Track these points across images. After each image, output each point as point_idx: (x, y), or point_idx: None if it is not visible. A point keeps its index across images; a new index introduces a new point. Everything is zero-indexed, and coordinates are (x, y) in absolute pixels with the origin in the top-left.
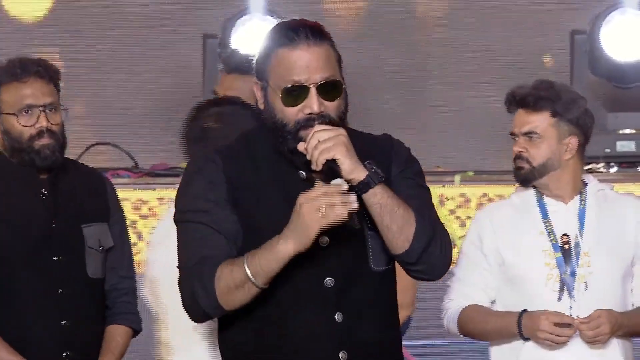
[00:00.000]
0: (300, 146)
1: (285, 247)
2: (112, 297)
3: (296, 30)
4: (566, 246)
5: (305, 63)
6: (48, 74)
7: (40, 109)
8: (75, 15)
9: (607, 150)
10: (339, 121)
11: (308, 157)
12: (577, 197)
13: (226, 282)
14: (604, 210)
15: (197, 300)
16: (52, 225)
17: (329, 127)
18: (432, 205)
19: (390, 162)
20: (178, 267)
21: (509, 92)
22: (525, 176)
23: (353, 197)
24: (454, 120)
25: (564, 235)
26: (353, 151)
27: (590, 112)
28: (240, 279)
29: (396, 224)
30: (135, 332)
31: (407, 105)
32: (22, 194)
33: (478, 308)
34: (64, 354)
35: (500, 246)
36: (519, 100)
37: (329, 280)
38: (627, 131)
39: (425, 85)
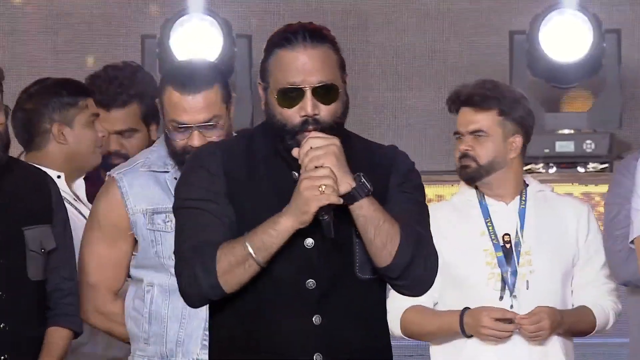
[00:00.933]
0: (294, 152)
1: (285, 221)
2: (53, 298)
3: (295, 33)
4: (507, 245)
5: (301, 65)
6: None
7: None
8: (14, 16)
9: (546, 151)
10: (335, 125)
11: (299, 162)
12: (518, 197)
13: (227, 260)
14: (544, 211)
15: (198, 282)
16: None
17: (323, 136)
18: (426, 221)
19: (390, 173)
20: (175, 252)
21: (453, 91)
22: (472, 174)
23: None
24: (393, 122)
25: (506, 234)
26: (343, 162)
27: (532, 112)
28: (242, 255)
29: (380, 238)
30: (76, 334)
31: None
32: None
33: (420, 309)
34: (2, 357)
35: (442, 247)
36: (464, 99)
37: (310, 282)
38: (566, 131)
39: (365, 87)
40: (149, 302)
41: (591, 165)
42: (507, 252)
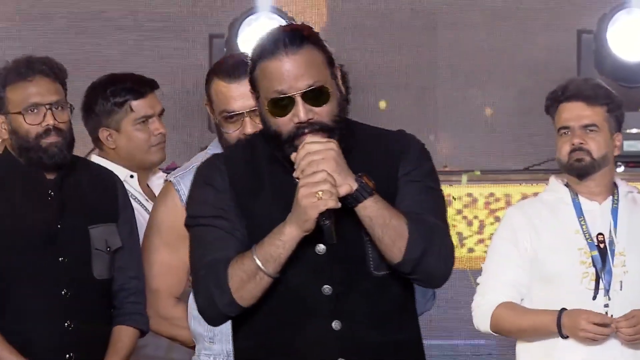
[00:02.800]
0: (292, 156)
1: (289, 230)
2: (119, 297)
3: (274, 40)
4: (601, 245)
5: (286, 72)
6: (53, 72)
7: (47, 107)
8: (85, 17)
9: None
10: (333, 125)
11: (295, 167)
12: (610, 197)
13: (238, 276)
14: (635, 213)
15: (214, 302)
16: (58, 226)
17: (319, 140)
18: (440, 209)
19: (398, 161)
20: (191, 271)
21: (556, 88)
22: (586, 168)
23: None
24: (460, 120)
25: (599, 234)
26: (343, 164)
27: None
28: (252, 269)
29: (388, 236)
30: (143, 332)
31: (415, 105)
32: (29, 195)
33: (512, 305)
34: (67, 356)
35: (535, 242)
36: (574, 94)
37: (326, 288)
38: (634, 131)
39: (433, 85)
40: None
41: None
42: (602, 251)
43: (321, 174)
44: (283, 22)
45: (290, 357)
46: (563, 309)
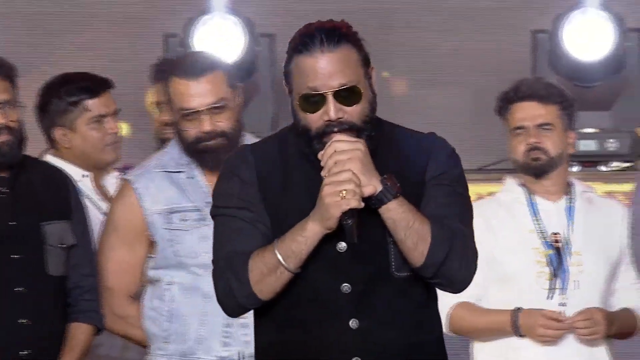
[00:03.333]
0: (320, 154)
1: (311, 227)
2: (74, 295)
3: (311, 36)
4: (557, 244)
5: (320, 70)
6: (4, 71)
7: None
8: (39, 16)
9: None
10: (363, 125)
11: (322, 165)
12: (565, 196)
13: (259, 269)
14: (591, 212)
15: (232, 292)
16: (11, 223)
17: (347, 139)
18: (466, 215)
19: (426, 164)
20: (212, 261)
21: (509, 88)
22: (543, 167)
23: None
24: (416, 121)
25: (555, 233)
26: (369, 165)
27: None
28: (272, 263)
29: (410, 239)
30: (98, 330)
31: None
32: None
33: (469, 306)
34: (22, 353)
35: (492, 243)
36: (527, 93)
37: (345, 287)
38: (589, 130)
39: (389, 86)
40: (169, 301)
41: (614, 164)
42: (558, 250)
43: (346, 174)
44: (238, 22)
45: (307, 353)
46: (518, 309)
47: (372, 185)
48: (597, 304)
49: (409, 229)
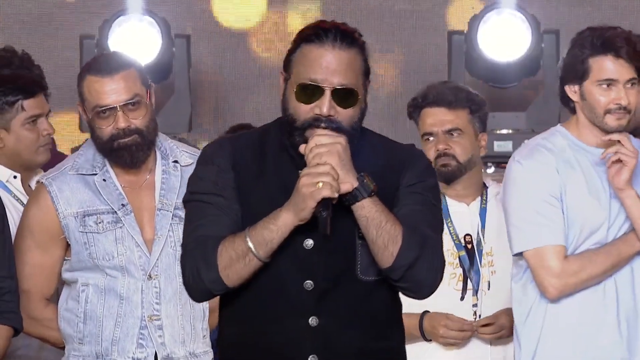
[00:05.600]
0: (301, 148)
1: (285, 217)
2: None
3: (326, 30)
4: (469, 246)
5: (326, 64)
6: None
7: None
8: None
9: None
10: (349, 130)
11: (305, 159)
12: (479, 198)
13: (228, 254)
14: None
15: (200, 275)
16: None
17: (330, 134)
18: (436, 224)
19: (402, 172)
20: (182, 245)
21: (417, 94)
22: (453, 173)
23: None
24: None
25: (467, 235)
26: (347, 161)
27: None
28: (242, 250)
29: (382, 239)
30: (17, 331)
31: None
32: None
33: None
34: None
35: None
36: (435, 99)
37: (308, 283)
38: (504, 131)
39: None
40: (84, 302)
41: None
42: (470, 252)
43: (324, 167)
44: (154, 23)
45: (267, 348)
46: (425, 312)
47: (349, 182)
48: (509, 304)
49: (381, 229)
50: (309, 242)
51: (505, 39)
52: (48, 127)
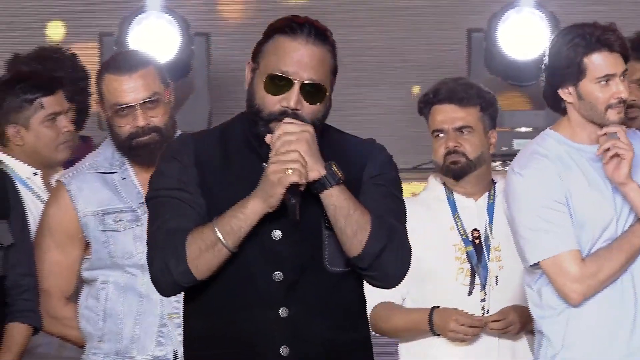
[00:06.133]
0: (267, 138)
1: (253, 204)
2: (12, 294)
3: (301, 24)
4: (477, 241)
5: (299, 57)
6: None
7: None
8: None
9: (504, 149)
10: (313, 125)
11: (271, 147)
12: (487, 193)
13: (197, 245)
14: None
15: (169, 269)
16: None
17: (297, 122)
18: (401, 214)
19: (364, 165)
20: (147, 241)
21: (429, 90)
22: (463, 170)
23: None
24: (351, 119)
25: (474, 230)
26: (315, 149)
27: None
28: (211, 240)
29: (350, 227)
30: (36, 329)
31: None
32: None
33: (388, 306)
34: None
35: (411, 241)
36: (446, 96)
37: (277, 274)
38: (524, 129)
39: None
40: (104, 300)
41: None
42: (477, 247)
43: (293, 154)
44: (173, 21)
45: (236, 339)
46: (435, 307)
47: (317, 170)
48: (517, 299)
49: (349, 217)
50: (277, 233)
51: (524, 37)
52: (68, 125)
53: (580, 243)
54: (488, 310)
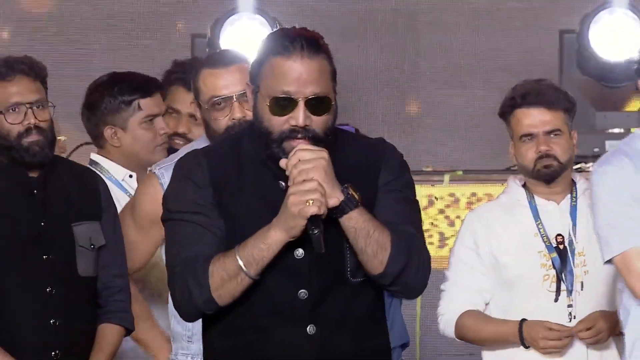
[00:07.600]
0: (282, 162)
1: (274, 235)
2: (104, 295)
3: (292, 40)
4: (561, 246)
5: (297, 75)
6: (34, 71)
7: (27, 106)
8: (64, 18)
9: (596, 150)
10: (324, 137)
11: (287, 174)
12: (569, 195)
13: (219, 275)
14: None
15: (192, 297)
16: (42, 224)
17: (311, 148)
18: (417, 220)
19: (379, 170)
20: (167, 265)
21: (515, 92)
22: (555, 173)
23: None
24: (443, 121)
25: (558, 235)
26: (331, 175)
27: None
28: (233, 269)
29: (371, 248)
30: (128, 330)
31: (396, 106)
32: (12, 193)
33: (475, 314)
34: (53, 353)
35: (495, 248)
36: (535, 100)
37: (302, 293)
38: (616, 130)
39: (415, 86)
40: None
41: None
42: (562, 252)
43: (312, 183)
44: (265, 23)
45: (265, 359)
46: (523, 320)
47: (336, 196)
48: (603, 304)
49: (369, 238)
50: (300, 252)
51: (617, 38)
52: (165, 127)
53: None
54: (575, 316)
